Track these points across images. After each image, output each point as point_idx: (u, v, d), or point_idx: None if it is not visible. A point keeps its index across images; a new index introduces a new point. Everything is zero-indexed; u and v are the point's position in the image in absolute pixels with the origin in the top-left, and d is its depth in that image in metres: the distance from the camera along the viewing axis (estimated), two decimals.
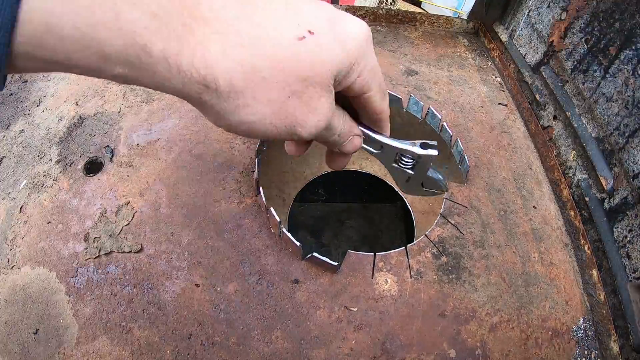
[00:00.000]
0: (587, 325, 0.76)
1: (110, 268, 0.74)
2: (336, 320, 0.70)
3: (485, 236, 0.82)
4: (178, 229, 0.78)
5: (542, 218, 0.89)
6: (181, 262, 0.75)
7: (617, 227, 0.82)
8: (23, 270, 0.75)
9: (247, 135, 0.41)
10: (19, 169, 0.89)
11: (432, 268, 0.76)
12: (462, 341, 0.70)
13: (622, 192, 0.82)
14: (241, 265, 0.74)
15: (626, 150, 0.82)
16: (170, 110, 0.96)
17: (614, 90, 0.86)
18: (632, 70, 0.82)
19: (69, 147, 0.91)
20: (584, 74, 0.96)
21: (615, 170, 0.84)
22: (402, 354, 0.68)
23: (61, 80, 1.05)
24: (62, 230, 0.79)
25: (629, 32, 0.83)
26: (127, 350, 0.67)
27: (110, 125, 0.94)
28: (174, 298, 0.71)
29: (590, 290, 0.80)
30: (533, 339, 0.72)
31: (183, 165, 0.87)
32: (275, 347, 0.67)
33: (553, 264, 0.81)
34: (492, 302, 0.74)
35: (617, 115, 0.85)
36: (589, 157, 0.91)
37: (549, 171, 0.99)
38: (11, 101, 1.02)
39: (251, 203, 0.82)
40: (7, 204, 0.84)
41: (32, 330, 0.70)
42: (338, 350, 0.68)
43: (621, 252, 0.80)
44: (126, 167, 0.87)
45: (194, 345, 0.68)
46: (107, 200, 0.82)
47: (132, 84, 0.35)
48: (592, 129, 0.93)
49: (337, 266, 0.72)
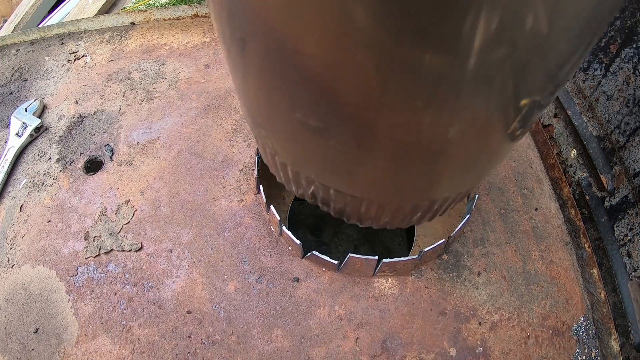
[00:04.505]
0: (587, 323, 0.76)
1: (111, 267, 0.74)
2: (336, 319, 0.70)
3: (486, 234, 0.82)
4: (178, 228, 0.78)
5: (543, 216, 0.88)
6: (181, 260, 0.75)
7: (617, 225, 0.82)
8: (23, 269, 0.75)
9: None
10: (20, 167, 0.89)
11: (433, 266, 0.76)
12: (462, 339, 0.70)
13: (623, 190, 0.82)
14: (241, 264, 0.74)
15: (627, 148, 0.81)
16: (170, 109, 0.96)
17: (615, 88, 0.86)
18: (632, 69, 0.82)
19: (69, 146, 0.91)
20: (585, 72, 0.95)
21: (616, 169, 0.84)
22: (403, 352, 0.68)
23: (61, 79, 1.05)
24: (62, 229, 0.79)
25: (629, 31, 0.83)
26: (128, 348, 0.67)
27: (110, 124, 0.94)
28: (174, 296, 0.71)
29: (591, 289, 0.80)
30: (533, 337, 0.72)
31: (183, 163, 0.87)
32: (275, 346, 0.67)
33: (553, 263, 0.81)
34: (493, 300, 0.74)
35: (618, 113, 0.85)
36: (589, 155, 0.91)
37: (550, 169, 0.99)
38: (11, 100, 1.02)
39: (251, 201, 0.82)
40: (7, 203, 0.84)
41: (32, 329, 0.70)
42: (338, 348, 0.68)
43: (622, 251, 0.80)
44: (126, 165, 0.87)
45: (194, 343, 0.67)
46: (107, 199, 0.82)
47: None
48: (592, 127, 0.92)
49: (338, 264, 0.72)
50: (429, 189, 0.54)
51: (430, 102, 0.34)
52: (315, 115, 0.39)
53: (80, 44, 1.11)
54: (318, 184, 0.55)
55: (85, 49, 1.09)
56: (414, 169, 0.47)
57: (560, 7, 0.26)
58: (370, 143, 0.41)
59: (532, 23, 0.26)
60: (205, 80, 1.01)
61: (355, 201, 0.55)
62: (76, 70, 1.05)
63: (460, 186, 0.56)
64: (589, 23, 0.29)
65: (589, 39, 0.32)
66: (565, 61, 0.33)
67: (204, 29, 1.12)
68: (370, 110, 0.36)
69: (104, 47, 1.09)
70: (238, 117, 0.94)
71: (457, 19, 0.26)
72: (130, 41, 1.10)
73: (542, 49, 0.29)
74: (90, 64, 1.06)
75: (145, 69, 1.03)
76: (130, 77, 1.02)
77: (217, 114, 0.94)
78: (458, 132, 0.39)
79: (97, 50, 1.09)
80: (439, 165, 0.47)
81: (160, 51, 1.07)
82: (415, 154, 0.43)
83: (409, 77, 0.31)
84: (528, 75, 0.32)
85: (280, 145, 0.52)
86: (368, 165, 0.45)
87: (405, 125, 0.38)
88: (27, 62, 1.08)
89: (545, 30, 0.27)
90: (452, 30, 0.27)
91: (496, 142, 0.44)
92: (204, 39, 1.10)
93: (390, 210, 0.57)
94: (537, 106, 0.38)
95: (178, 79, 1.01)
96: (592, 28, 0.30)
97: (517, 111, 0.37)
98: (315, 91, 0.36)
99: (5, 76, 1.07)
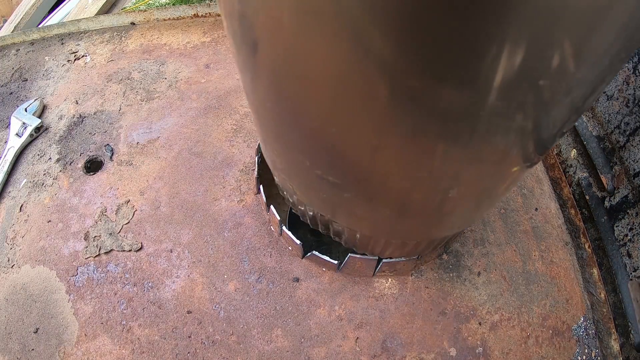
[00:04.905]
0: (587, 323, 0.76)
1: (111, 267, 0.74)
2: (337, 319, 0.70)
3: (486, 234, 0.82)
4: (178, 228, 0.78)
5: (543, 216, 0.88)
6: (181, 260, 0.75)
7: (617, 225, 0.82)
8: (23, 269, 0.75)
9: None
10: (20, 167, 0.89)
11: (433, 266, 0.76)
12: (462, 339, 0.70)
13: (623, 190, 0.82)
14: (241, 264, 0.74)
15: (627, 148, 0.81)
16: (170, 109, 0.96)
17: (615, 88, 0.86)
18: (632, 69, 0.82)
19: (69, 146, 0.91)
20: None
21: (616, 169, 0.84)
22: (403, 352, 0.68)
23: (61, 79, 1.05)
24: (62, 229, 0.79)
25: None
26: (128, 348, 0.67)
27: (110, 124, 0.94)
28: (174, 296, 0.71)
29: (591, 289, 0.80)
30: (533, 337, 0.72)
31: (183, 163, 0.87)
32: (275, 346, 0.67)
33: (553, 263, 0.81)
34: (493, 300, 0.74)
35: (618, 113, 0.85)
36: (589, 155, 0.91)
37: (550, 169, 0.99)
38: (11, 100, 1.02)
39: (251, 201, 0.82)
40: (7, 203, 0.84)
41: (32, 329, 0.70)
42: (338, 348, 0.68)
43: (622, 251, 0.80)
44: (126, 165, 0.87)
45: (194, 343, 0.67)
46: (107, 199, 0.82)
47: None
48: (592, 127, 0.92)
49: (338, 264, 0.72)
50: (435, 230, 0.58)
51: (436, 172, 0.38)
52: (333, 174, 0.44)
53: (80, 44, 1.11)
54: (331, 220, 0.60)
55: (85, 49, 1.09)
56: (420, 219, 0.52)
57: (588, 44, 0.25)
58: (380, 199, 0.46)
59: (559, 60, 0.25)
60: (205, 80, 1.01)
61: (364, 238, 0.60)
62: (76, 70, 1.05)
63: (470, 220, 0.59)
64: (618, 55, 0.28)
65: (615, 69, 0.31)
66: (591, 93, 0.32)
67: (204, 29, 1.12)
68: (379, 175, 0.41)
69: (104, 47, 1.09)
70: (238, 117, 0.94)
71: (473, 95, 0.26)
72: (130, 41, 1.10)
73: (568, 85, 0.28)
74: (90, 64, 1.06)
75: (145, 69, 1.03)
76: (130, 77, 1.02)
77: (217, 114, 0.94)
78: (464, 188, 0.42)
79: (97, 50, 1.09)
80: (445, 215, 0.51)
81: (160, 51, 1.07)
82: (423, 210, 0.48)
83: (419, 154, 0.35)
84: (551, 110, 0.32)
85: (299, 190, 0.57)
86: (378, 213, 0.50)
87: (412, 189, 0.42)
88: (27, 62, 1.08)
89: (572, 68, 0.26)
90: (463, 102, 0.28)
91: (509, 177, 0.44)
92: (204, 39, 1.10)
93: (396, 245, 0.62)
94: (558, 134, 0.38)
95: (178, 79, 1.01)
96: (620, 60, 0.29)
97: (537, 145, 0.37)
98: (334, 159, 0.42)
99: (5, 76, 1.07)
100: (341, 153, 0.39)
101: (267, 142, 0.53)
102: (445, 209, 0.47)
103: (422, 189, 0.42)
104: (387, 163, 0.38)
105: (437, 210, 0.47)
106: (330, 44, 0.27)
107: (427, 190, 0.42)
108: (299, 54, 0.30)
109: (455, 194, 0.42)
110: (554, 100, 0.30)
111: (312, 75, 0.31)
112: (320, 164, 0.44)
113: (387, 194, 0.45)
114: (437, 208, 0.47)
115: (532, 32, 0.22)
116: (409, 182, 0.41)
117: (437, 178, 0.39)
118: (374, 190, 0.44)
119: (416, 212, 0.49)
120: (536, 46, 0.23)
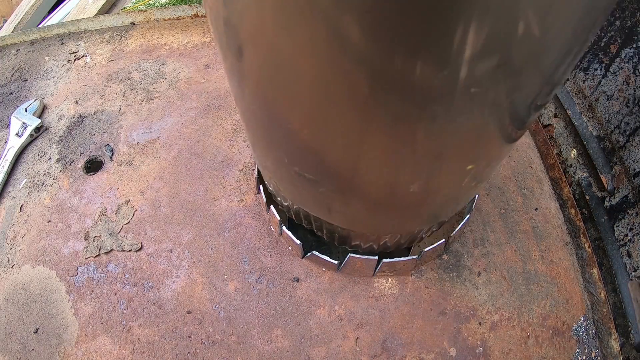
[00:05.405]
0: (587, 323, 0.76)
1: (111, 267, 0.74)
2: (337, 319, 0.70)
3: (486, 234, 0.82)
4: (178, 228, 0.78)
5: (543, 216, 0.88)
6: (181, 260, 0.75)
7: (617, 225, 0.82)
8: (23, 269, 0.75)
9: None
10: (20, 167, 0.89)
11: (433, 266, 0.76)
12: (462, 339, 0.70)
13: (623, 190, 0.82)
14: (241, 264, 0.74)
15: (627, 148, 0.81)
16: (170, 109, 0.96)
17: (615, 88, 0.86)
18: (632, 69, 0.82)
19: (69, 146, 0.91)
20: (585, 72, 0.95)
21: (616, 169, 0.84)
22: (403, 352, 0.68)
23: (61, 79, 1.05)
24: (62, 229, 0.79)
25: (629, 30, 0.83)
26: (128, 348, 0.67)
27: (110, 124, 0.94)
28: (174, 296, 0.71)
29: (591, 289, 0.80)
30: (534, 337, 0.72)
31: (183, 163, 0.87)
32: (275, 346, 0.67)
33: (553, 262, 0.81)
34: (493, 300, 0.74)
35: (618, 113, 0.85)
36: (589, 155, 0.91)
37: (550, 169, 0.99)
38: (11, 100, 1.02)
39: (251, 201, 0.82)
40: (7, 203, 0.84)
41: (32, 329, 0.70)
42: (338, 348, 0.68)
43: (622, 251, 0.80)
44: (126, 165, 0.87)
45: (194, 343, 0.67)
46: (107, 199, 0.82)
47: None
48: (592, 127, 0.92)
49: (338, 264, 0.72)
50: (411, 223, 0.61)
51: (409, 164, 0.41)
52: (308, 170, 0.48)
53: (80, 44, 1.11)
54: (311, 216, 0.63)
55: (85, 49, 1.09)
56: (393, 213, 0.55)
57: (552, 9, 0.26)
58: (352, 193, 0.49)
59: (524, 28, 0.26)
60: (205, 80, 1.01)
61: (344, 231, 0.64)
62: (76, 70, 1.05)
63: (452, 208, 0.60)
64: (583, 22, 0.29)
65: (583, 39, 0.32)
66: (560, 63, 0.33)
67: (204, 29, 1.12)
68: (349, 170, 0.44)
69: (104, 47, 1.09)
70: (238, 117, 0.94)
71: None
72: (130, 41, 1.10)
73: (535, 53, 0.29)
74: (90, 64, 1.06)
75: (145, 69, 1.03)
76: (130, 77, 1.02)
77: (217, 114, 0.94)
78: (438, 178, 0.45)
79: (97, 50, 1.09)
80: (420, 208, 0.54)
81: (160, 51, 1.07)
82: (396, 204, 0.51)
83: (391, 144, 0.37)
84: (522, 81, 0.33)
85: (282, 186, 0.61)
86: (351, 207, 0.54)
87: (385, 185, 0.45)
88: (27, 62, 1.09)
89: (537, 34, 0.27)
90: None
91: (493, 150, 0.45)
92: (204, 39, 1.10)
93: (373, 239, 0.66)
94: (533, 107, 0.39)
95: (178, 79, 1.01)
96: (587, 27, 0.30)
97: (512, 117, 0.38)
98: (309, 158, 0.45)
99: (5, 76, 1.07)
100: (314, 151, 0.43)
101: (253, 141, 0.56)
102: (419, 207, 0.49)
103: (394, 178, 0.44)
104: (357, 158, 0.41)
105: (410, 208, 0.50)
106: (308, 41, 0.28)
107: (405, 176, 0.44)
108: (278, 57, 0.31)
109: (427, 189, 0.45)
110: (523, 68, 0.30)
111: (288, 79, 0.33)
112: (297, 161, 0.47)
113: (357, 189, 0.47)
114: (409, 206, 0.50)
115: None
116: (379, 174, 0.43)
117: (414, 164, 0.41)
118: (345, 185, 0.47)
119: (388, 204, 0.51)
120: (498, 10, 0.24)
